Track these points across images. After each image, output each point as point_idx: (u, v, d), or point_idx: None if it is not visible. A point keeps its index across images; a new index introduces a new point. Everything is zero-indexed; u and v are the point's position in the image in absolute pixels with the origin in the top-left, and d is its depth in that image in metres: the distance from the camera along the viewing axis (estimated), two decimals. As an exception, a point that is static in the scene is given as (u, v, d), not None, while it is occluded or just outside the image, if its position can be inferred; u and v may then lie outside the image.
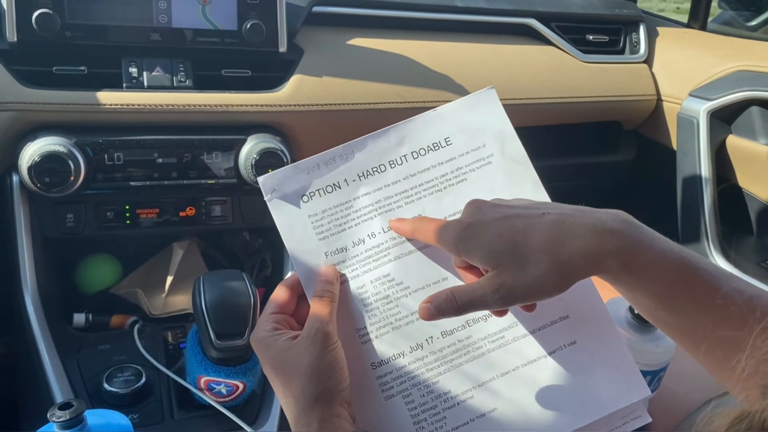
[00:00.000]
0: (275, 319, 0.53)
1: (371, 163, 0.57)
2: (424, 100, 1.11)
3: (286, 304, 0.54)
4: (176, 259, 1.07)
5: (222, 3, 0.96)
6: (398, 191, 0.57)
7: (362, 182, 0.56)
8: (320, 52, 1.07)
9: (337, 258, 0.55)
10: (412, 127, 0.58)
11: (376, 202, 0.56)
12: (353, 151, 0.57)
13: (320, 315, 0.51)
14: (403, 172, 0.57)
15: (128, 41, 0.94)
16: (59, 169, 0.87)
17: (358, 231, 0.56)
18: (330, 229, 0.55)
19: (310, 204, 0.56)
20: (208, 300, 0.80)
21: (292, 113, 1.02)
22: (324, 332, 0.49)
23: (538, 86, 1.24)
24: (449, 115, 0.59)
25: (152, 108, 0.93)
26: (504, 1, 1.30)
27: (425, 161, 0.57)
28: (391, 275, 0.55)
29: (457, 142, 0.58)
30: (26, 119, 0.89)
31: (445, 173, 0.57)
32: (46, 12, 0.88)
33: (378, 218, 0.56)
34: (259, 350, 0.52)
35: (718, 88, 1.24)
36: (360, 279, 0.55)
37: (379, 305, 0.54)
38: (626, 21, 1.41)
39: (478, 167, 0.58)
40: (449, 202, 0.57)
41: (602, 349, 0.54)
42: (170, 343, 0.97)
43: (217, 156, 0.98)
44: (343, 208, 0.56)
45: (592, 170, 1.48)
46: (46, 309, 0.92)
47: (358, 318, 0.54)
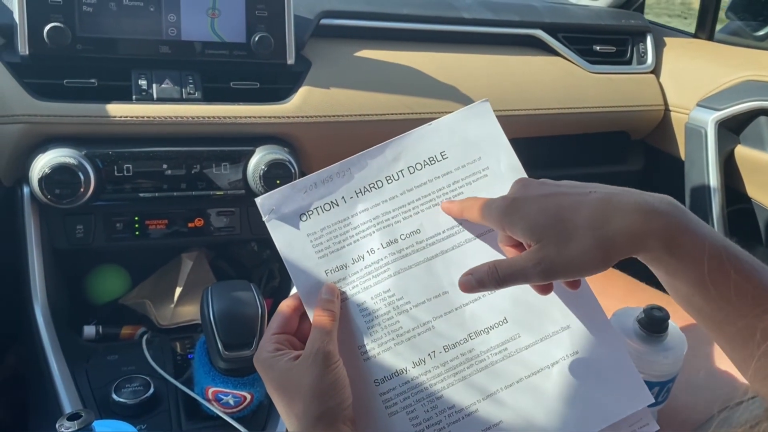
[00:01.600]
0: (277, 340, 0.53)
1: (368, 180, 0.57)
2: (432, 111, 1.12)
3: (287, 324, 0.55)
4: (185, 269, 1.08)
5: (231, 16, 0.97)
6: (396, 206, 0.57)
7: (360, 199, 0.57)
8: (328, 64, 1.08)
9: (337, 276, 0.55)
10: (407, 141, 0.58)
11: (374, 218, 0.56)
12: (350, 169, 0.57)
13: (321, 334, 0.51)
14: (400, 187, 0.57)
15: (138, 54, 0.95)
16: (69, 180, 0.88)
17: (357, 248, 0.56)
18: (329, 246, 0.56)
19: (309, 222, 0.56)
20: (216, 311, 0.80)
21: (300, 125, 1.02)
22: (325, 352, 0.49)
23: (545, 97, 1.24)
24: (444, 128, 0.59)
25: (161, 120, 0.94)
26: (511, 12, 1.31)
27: (422, 176, 0.58)
28: (391, 291, 0.55)
29: (453, 156, 0.58)
30: (37, 131, 0.90)
31: (442, 187, 0.58)
32: (58, 26, 0.89)
33: (377, 234, 0.56)
34: (262, 371, 0.52)
35: (726, 98, 1.24)
36: (360, 296, 0.55)
37: (380, 321, 0.54)
38: (633, 31, 1.41)
39: (474, 180, 0.58)
40: (447, 216, 0.57)
41: (604, 358, 0.54)
42: (178, 354, 0.98)
43: (225, 167, 0.99)
44: (341, 225, 0.56)
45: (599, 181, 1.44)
46: (56, 320, 0.93)
47: (359, 335, 0.54)
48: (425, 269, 0.55)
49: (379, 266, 0.55)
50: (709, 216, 1.24)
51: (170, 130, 0.95)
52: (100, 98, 0.93)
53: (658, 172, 1.44)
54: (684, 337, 0.73)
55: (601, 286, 0.92)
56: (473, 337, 0.54)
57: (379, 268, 0.55)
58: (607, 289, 0.94)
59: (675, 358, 0.73)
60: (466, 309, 0.55)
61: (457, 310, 0.55)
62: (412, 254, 0.56)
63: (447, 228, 0.57)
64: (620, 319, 0.75)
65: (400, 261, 0.55)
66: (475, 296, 0.55)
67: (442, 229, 0.56)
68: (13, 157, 0.91)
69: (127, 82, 0.95)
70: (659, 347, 0.73)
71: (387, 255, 0.56)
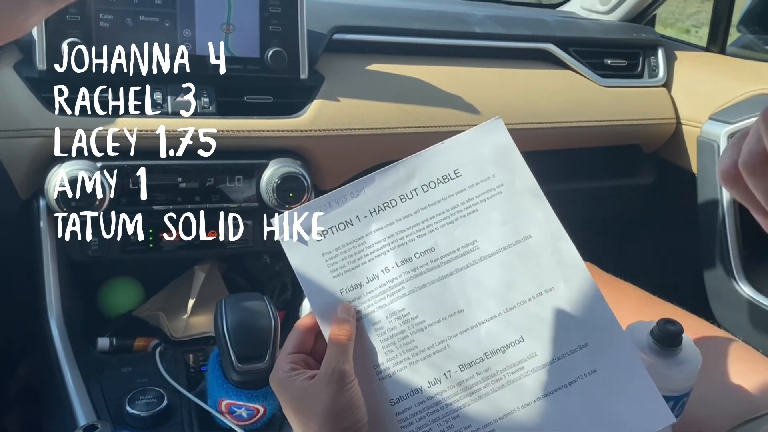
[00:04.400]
0: (292, 359, 0.53)
1: (382, 199, 0.57)
2: (444, 125, 1.12)
3: (303, 344, 0.55)
4: (198, 282, 1.08)
5: (245, 31, 0.98)
6: (410, 225, 0.57)
7: (374, 218, 0.57)
8: (340, 78, 1.09)
9: (352, 295, 0.55)
10: (420, 160, 0.59)
11: (388, 237, 0.57)
12: (363, 188, 0.57)
13: (336, 354, 0.51)
14: (414, 205, 0.57)
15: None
16: (85, 194, 0.88)
17: (371, 267, 0.56)
18: (344, 266, 0.56)
19: (324, 242, 0.56)
20: (230, 323, 0.80)
21: (313, 138, 1.03)
22: (340, 371, 0.50)
23: (556, 110, 1.24)
24: (457, 146, 0.59)
25: (176, 133, 0.95)
26: (522, 26, 1.31)
27: (436, 194, 0.58)
28: (405, 310, 0.55)
29: (467, 174, 0.58)
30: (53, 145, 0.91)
31: (456, 205, 0.58)
32: (75, 41, 0.90)
33: (391, 253, 0.56)
34: (278, 391, 0.53)
35: (738, 111, 1.24)
36: (375, 315, 0.55)
37: (395, 340, 0.54)
38: (644, 45, 1.41)
39: (488, 198, 0.58)
40: (461, 234, 0.57)
41: (623, 377, 0.54)
42: (191, 366, 0.98)
43: (239, 180, 1.00)
44: (356, 244, 0.56)
45: (611, 194, 1.47)
46: (70, 332, 0.94)
47: (374, 354, 0.54)
48: (440, 287, 0.56)
49: (394, 285, 0.56)
50: (722, 229, 1.24)
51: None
52: (116, 112, 0.94)
53: (671, 185, 1.44)
54: (698, 351, 0.73)
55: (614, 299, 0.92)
56: (489, 356, 0.54)
57: (394, 286, 0.55)
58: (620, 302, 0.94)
59: (689, 372, 0.72)
60: (481, 327, 0.55)
61: (473, 328, 0.55)
62: (427, 272, 0.56)
63: (461, 246, 0.57)
64: (634, 332, 0.75)
65: (415, 279, 0.56)
66: (491, 314, 0.55)
67: (457, 246, 0.57)
68: (30, 170, 0.92)
69: (143, 95, 0.96)
70: (673, 361, 0.72)
71: (402, 273, 0.56)
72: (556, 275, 0.56)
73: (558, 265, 0.57)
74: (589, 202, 1.45)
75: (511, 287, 0.56)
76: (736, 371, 0.82)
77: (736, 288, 1.23)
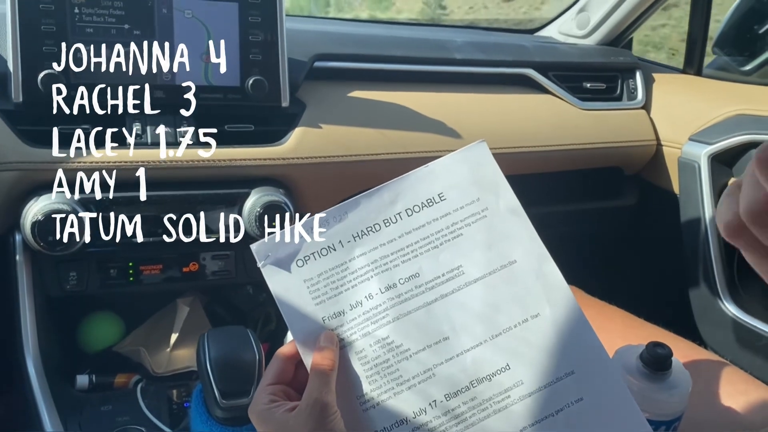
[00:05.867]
0: (272, 391, 0.52)
1: (365, 223, 0.56)
2: (425, 150, 1.12)
3: (283, 374, 0.54)
4: (182, 316, 1.06)
5: (225, 60, 0.97)
6: (394, 250, 0.56)
7: (357, 243, 0.56)
8: (322, 105, 1.09)
9: (334, 322, 0.54)
10: (405, 184, 0.58)
11: (372, 262, 0.55)
12: (347, 212, 0.56)
13: (318, 384, 0.49)
14: (398, 230, 0.56)
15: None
16: (63, 227, 0.86)
17: (355, 293, 0.55)
18: (326, 292, 0.54)
19: (305, 268, 0.55)
20: (213, 358, 0.79)
21: (295, 166, 1.02)
22: (322, 402, 0.48)
23: (538, 134, 1.25)
24: (441, 170, 0.58)
25: (156, 165, 0.93)
26: (502, 52, 1.32)
27: (420, 218, 0.57)
28: (390, 338, 0.54)
29: (451, 197, 0.58)
30: (30, 178, 0.89)
31: (441, 229, 0.57)
32: (52, 73, 0.89)
33: (375, 279, 0.55)
34: (257, 423, 0.51)
35: (718, 132, 1.25)
36: (359, 343, 0.53)
37: (380, 369, 0.53)
38: (622, 68, 1.43)
39: (473, 221, 0.57)
40: (447, 258, 0.56)
41: (610, 405, 0.53)
42: (174, 402, 0.96)
43: (220, 210, 0.98)
44: (339, 270, 0.55)
45: (594, 216, 1.48)
46: (48, 370, 0.91)
47: (358, 384, 0.52)
48: (425, 314, 0.54)
49: (378, 312, 0.54)
50: (706, 249, 1.25)
51: (165, 174, 0.95)
52: (94, 144, 0.92)
53: (653, 206, 1.44)
54: (688, 375, 0.72)
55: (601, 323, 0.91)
56: (476, 383, 0.53)
57: (378, 313, 0.54)
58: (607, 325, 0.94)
59: (680, 396, 0.71)
60: (467, 355, 0.54)
61: (459, 356, 0.54)
62: (412, 299, 0.55)
63: (446, 271, 0.56)
64: (623, 356, 0.74)
65: (399, 306, 0.54)
66: (477, 341, 0.54)
67: (442, 272, 0.56)
68: (5, 205, 0.90)
69: (122, 127, 0.95)
70: (663, 385, 0.72)
71: (386, 300, 0.54)
72: (542, 301, 0.56)
73: (543, 290, 0.56)
74: (572, 224, 1.46)
75: (497, 313, 0.55)
76: (726, 393, 0.82)
77: (721, 307, 1.23)
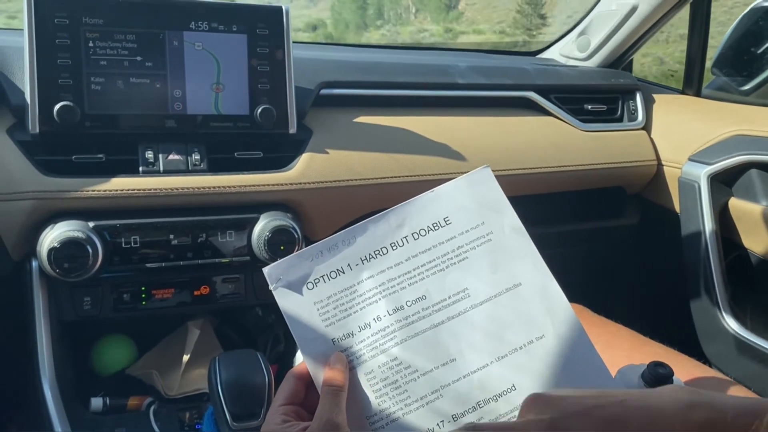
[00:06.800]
0: (284, 411, 0.53)
1: (373, 247, 0.58)
2: (431, 173, 1.14)
3: (295, 395, 0.55)
4: (192, 338, 1.08)
5: (234, 90, 1.01)
6: (401, 273, 0.57)
7: (365, 266, 0.57)
8: (328, 131, 1.11)
9: (344, 344, 0.55)
10: (411, 209, 0.59)
11: (379, 285, 0.57)
12: (355, 236, 0.58)
13: (329, 405, 0.51)
14: (405, 253, 0.58)
15: (145, 128, 0.98)
16: (78, 254, 0.89)
17: (363, 315, 0.56)
18: (336, 315, 0.56)
19: (315, 291, 0.56)
20: (224, 381, 0.80)
21: (303, 191, 1.05)
22: (333, 422, 0.49)
23: (540, 156, 1.27)
24: (447, 195, 0.60)
25: (168, 192, 0.96)
26: (503, 76, 1.35)
27: (426, 242, 0.58)
28: (398, 359, 0.55)
29: (456, 221, 0.59)
30: (46, 207, 0.92)
31: (447, 252, 0.58)
32: (68, 105, 0.92)
33: (383, 301, 0.56)
34: None
35: (717, 152, 1.27)
36: (368, 364, 0.55)
37: (388, 390, 0.54)
38: (623, 90, 1.45)
39: (478, 245, 0.59)
40: (453, 281, 0.57)
41: None
42: (186, 424, 0.97)
43: (230, 235, 1.01)
44: (347, 293, 0.57)
45: (597, 235, 1.50)
46: (63, 393, 0.93)
47: (368, 405, 0.54)
48: (432, 336, 0.56)
49: (386, 333, 0.56)
50: (707, 268, 1.26)
51: (177, 201, 0.98)
52: (108, 172, 0.95)
53: (655, 225, 1.46)
54: (690, 394, 0.73)
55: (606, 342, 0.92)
56: (482, 404, 0.54)
57: (386, 335, 0.56)
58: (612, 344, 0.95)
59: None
60: (474, 376, 0.55)
61: (466, 377, 0.55)
62: (419, 321, 0.56)
63: (452, 294, 0.57)
64: (625, 375, 0.75)
65: (407, 328, 0.56)
66: (483, 362, 0.55)
67: (448, 294, 0.57)
68: (22, 232, 0.92)
69: (134, 155, 0.98)
70: (666, 405, 0.73)
71: (393, 322, 0.56)
72: (546, 323, 0.57)
73: (547, 311, 0.57)
74: (576, 244, 1.47)
75: (503, 335, 0.56)
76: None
77: (723, 325, 1.24)
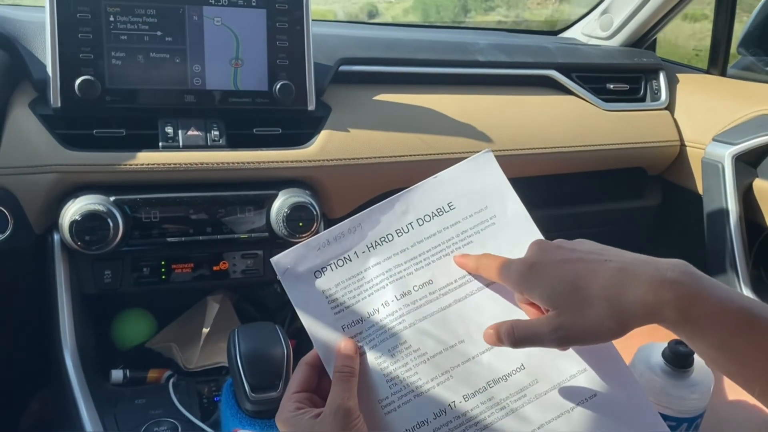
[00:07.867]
0: (298, 398, 0.54)
1: (379, 234, 0.58)
2: (450, 152, 1.14)
3: (307, 382, 0.55)
4: (212, 313, 1.09)
5: (253, 66, 1.00)
6: (407, 258, 0.58)
7: (372, 253, 0.58)
8: (347, 108, 1.11)
9: (353, 330, 0.55)
10: (415, 195, 0.60)
11: (386, 271, 0.57)
12: (360, 224, 0.58)
13: (341, 391, 0.51)
14: (411, 239, 0.59)
15: (164, 103, 0.98)
16: (99, 227, 0.90)
17: (371, 301, 0.56)
18: (344, 302, 0.56)
19: (323, 279, 0.57)
20: (243, 353, 0.81)
21: (321, 168, 1.05)
22: (345, 408, 0.50)
23: (561, 135, 1.26)
24: (450, 180, 0.61)
25: (187, 166, 0.96)
26: (524, 54, 1.33)
27: (431, 227, 0.59)
28: (407, 342, 0.55)
29: (460, 207, 0.60)
30: (68, 180, 0.93)
31: (451, 237, 0.59)
32: (88, 79, 0.92)
33: (390, 287, 0.57)
34: (284, 430, 0.53)
35: (742, 132, 1.25)
36: (378, 349, 0.55)
37: (399, 374, 0.54)
38: (646, 69, 1.43)
39: (482, 229, 0.59)
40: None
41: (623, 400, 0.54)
42: (205, 397, 0.98)
43: (249, 211, 1.01)
44: (355, 280, 0.57)
45: (617, 216, 1.48)
46: (84, 364, 0.94)
47: (379, 389, 0.54)
48: (440, 319, 0.56)
49: (394, 318, 0.56)
50: (730, 249, 1.24)
51: (196, 176, 0.98)
52: (128, 147, 0.96)
53: (677, 206, 1.44)
54: (710, 372, 0.73)
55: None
56: (492, 384, 0.55)
57: (395, 320, 0.56)
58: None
59: (702, 393, 0.72)
60: (482, 357, 0.55)
61: (474, 358, 0.55)
62: (426, 305, 0.57)
63: (459, 277, 0.58)
64: (645, 354, 0.75)
65: (415, 312, 0.56)
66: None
67: (454, 278, 0.58)
68: (44, 205, 0.93)
69: (154, 130, 0.98)
70: (685, 382, 0.72)
71: (401, 307, 0.56)
72: None
73: None
74: (596, 225, 1.46)
75: (509, 315, 0.56)
76: (748, 391, 0.82)
77: (746, 308, 1.22)
